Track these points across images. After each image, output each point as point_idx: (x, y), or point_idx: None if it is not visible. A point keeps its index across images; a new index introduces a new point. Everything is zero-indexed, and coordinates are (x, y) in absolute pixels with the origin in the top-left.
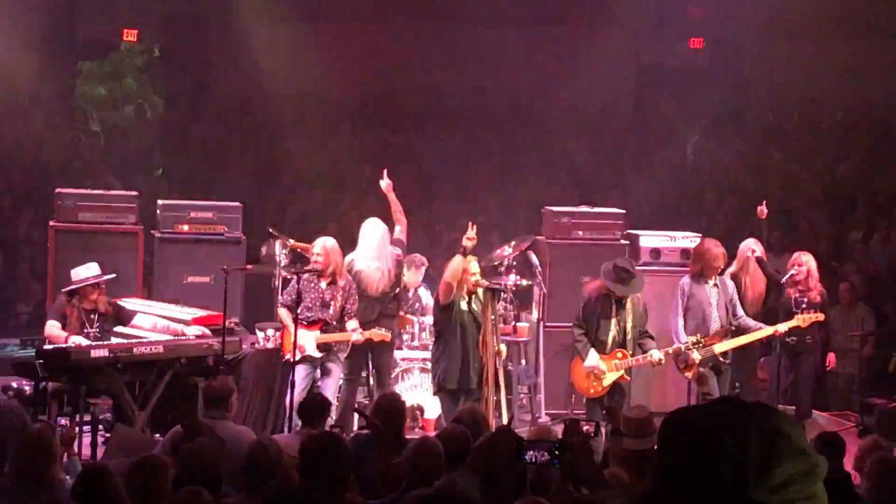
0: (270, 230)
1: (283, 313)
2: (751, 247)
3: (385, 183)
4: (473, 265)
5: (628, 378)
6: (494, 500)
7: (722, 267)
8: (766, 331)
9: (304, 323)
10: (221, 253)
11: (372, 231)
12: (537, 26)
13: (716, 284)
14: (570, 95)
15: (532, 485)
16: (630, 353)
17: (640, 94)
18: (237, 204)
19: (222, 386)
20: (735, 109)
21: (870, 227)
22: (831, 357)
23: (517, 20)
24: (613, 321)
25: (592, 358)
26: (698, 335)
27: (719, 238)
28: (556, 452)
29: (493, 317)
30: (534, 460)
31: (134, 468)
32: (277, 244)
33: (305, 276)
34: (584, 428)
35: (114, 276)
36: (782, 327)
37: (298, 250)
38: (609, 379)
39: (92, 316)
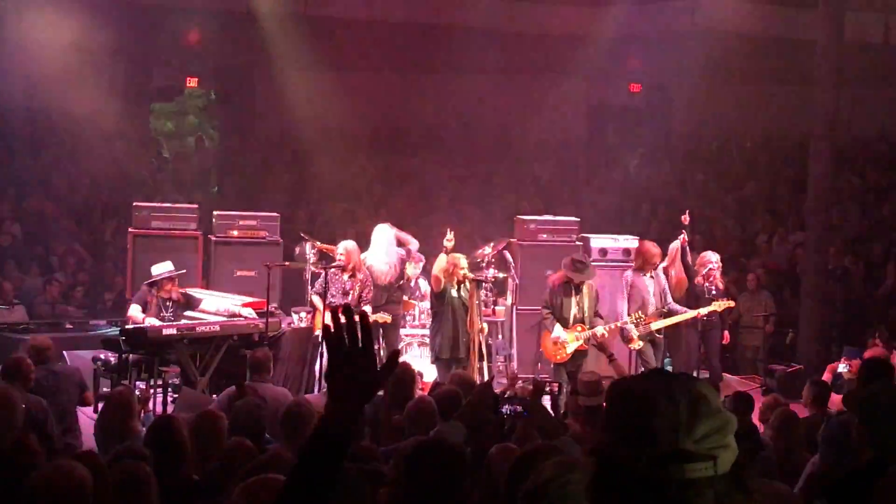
0: (302, 234)
1: (316, 300)
2: (677, 246)
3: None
4: (463, 262)
5: (586, 346)
6: (478, 445)
7: (658, 263)
8: (691, 313)
9: (330, 307)
10: (264, 253)
11: (380, 234)
12: (510, 74)
13: (652, 276)
14: (536, 129)
15: (508, 431)
16: (588, 327)
17: (591, 127)
18: (276, 214)
19: (263, 356)
20: (665, 139)
21: (771, 231)
22: (726, 335)
23: (495, 69)
24: (574, 301)
25: (558, 330)
26: (638, 313)
27: (654, 240)
28: (526, 408)
29: (477, 302)
30: (509, 412)
31: (196, 420)
32: (307, 245)
33: (332, 270)
34: (549, 388)
35: (184, 271)
36: (704, 311)
37: (324, 250)
38: (571, 347)
39: (168, 303)
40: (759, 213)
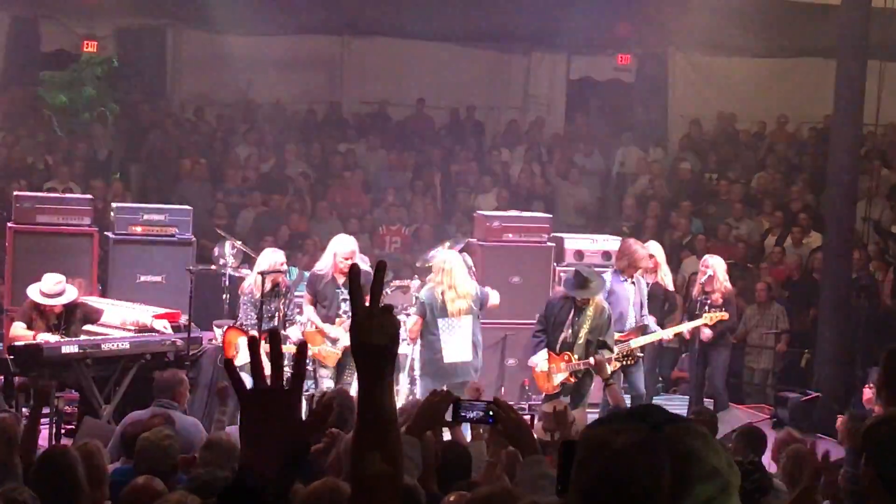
0: (219, 231)
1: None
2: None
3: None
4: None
5: (573, 380)
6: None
7: (643, 266)
8: (674, 329)
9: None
10: (173, 254)
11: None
12: (476, 43)
13: (633, 282)
14: (504, 108)
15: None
16: (577, 357)
17: (571, 107)
18: (187, 207)
19: (172, 377)
20: (658, 122)
21: (784, 232)
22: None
23: (457, 36)
24: (567, 324)
25: (537, 357)
26: (619, 351)
27: (642, 241)
28: (491, 413)
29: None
30: (471, 417)
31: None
32: (227, 245)
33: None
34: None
35: (74, 298)
36: (687, 326)
37: (248, 252)
38: (556, 379)
39: (57, 320)
40: (770, 210)
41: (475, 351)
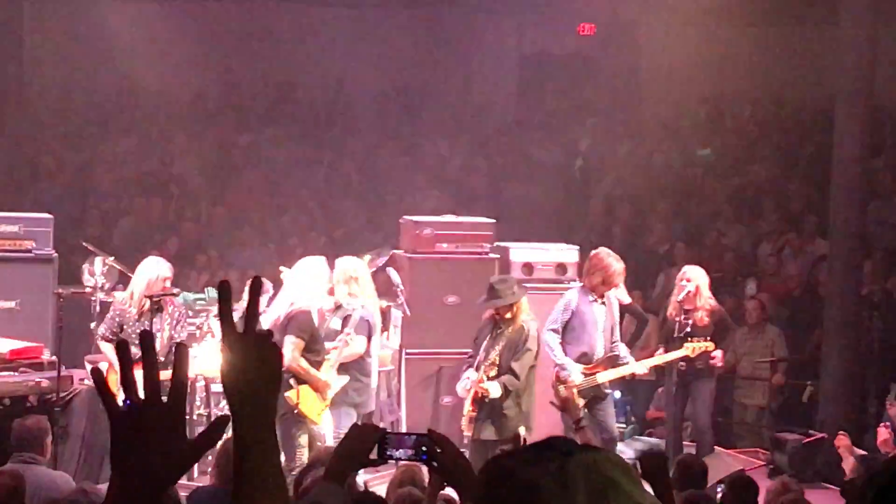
0: (86, 245)
1: (106, 347)
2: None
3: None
4: None
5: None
6: None
7: (618, 284)
8: (649, 361)
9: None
10: (29, 273)
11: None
12: (404, 8)
13: (604, 303)
14: (444, 89)
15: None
16: (484, 377)
17: (523, 87)
18: (47, 216)
19: (35, 426)
20: (629, 105)
21: (781, 237)
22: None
23: (383, 1)
24: (484, 344)
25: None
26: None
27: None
28: (424, 448)
29: None
30: (399, 456)
31: None
32: (98, 262)
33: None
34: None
35: None
36: (666, 357)
37: (122, 270)
38: (466, 403)
39: None
40: (766, 211)
41: None
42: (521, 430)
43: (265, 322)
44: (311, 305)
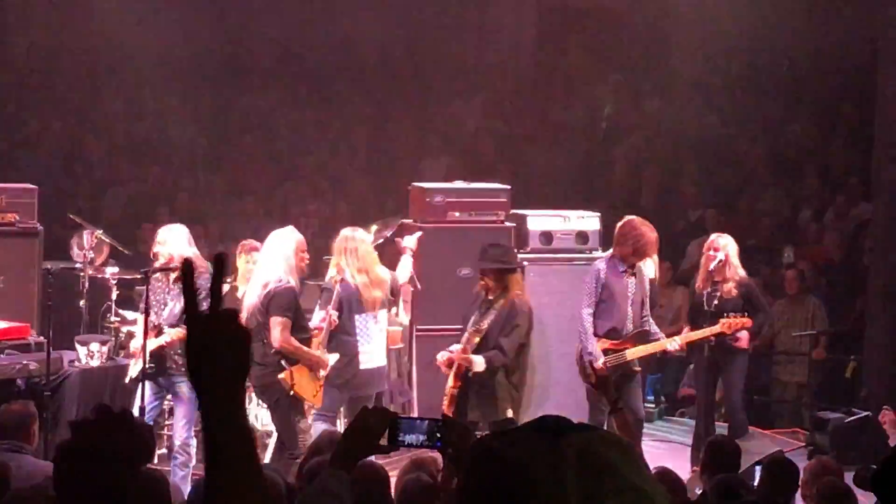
0: (73, 217)
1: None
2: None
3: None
4: None
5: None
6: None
7: (651, 255)
8: (682, 337)
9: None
10: (13, 248)
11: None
12: None
13: (634, 274)
14: (456, 49)
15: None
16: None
17: (543, 44)
18: (31, 186)
19: (21, 411)
20: (656, 60)
21: (822, 202)
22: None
23: None
24: (473, 318)
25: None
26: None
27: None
28: (438, 434)
29: None
30: (412, 442)
31: None
32: (85, 236)
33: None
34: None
35: None
36: (700, 333)
37: (111, 245)
38: (450, 379)
39: None
40: (805, 174)
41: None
42: (509, 413)
43: (247, 305)
44: (291, 281)
